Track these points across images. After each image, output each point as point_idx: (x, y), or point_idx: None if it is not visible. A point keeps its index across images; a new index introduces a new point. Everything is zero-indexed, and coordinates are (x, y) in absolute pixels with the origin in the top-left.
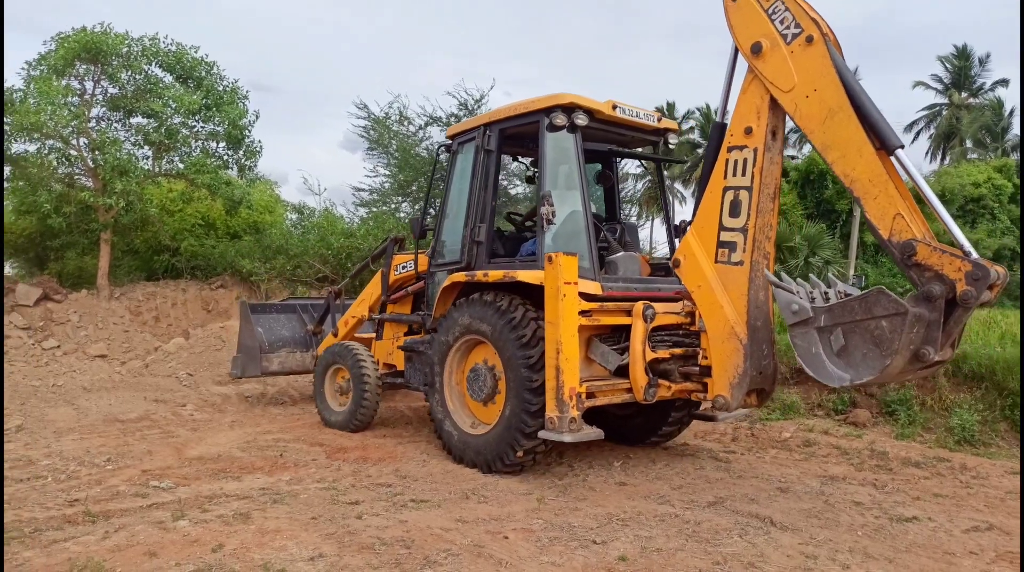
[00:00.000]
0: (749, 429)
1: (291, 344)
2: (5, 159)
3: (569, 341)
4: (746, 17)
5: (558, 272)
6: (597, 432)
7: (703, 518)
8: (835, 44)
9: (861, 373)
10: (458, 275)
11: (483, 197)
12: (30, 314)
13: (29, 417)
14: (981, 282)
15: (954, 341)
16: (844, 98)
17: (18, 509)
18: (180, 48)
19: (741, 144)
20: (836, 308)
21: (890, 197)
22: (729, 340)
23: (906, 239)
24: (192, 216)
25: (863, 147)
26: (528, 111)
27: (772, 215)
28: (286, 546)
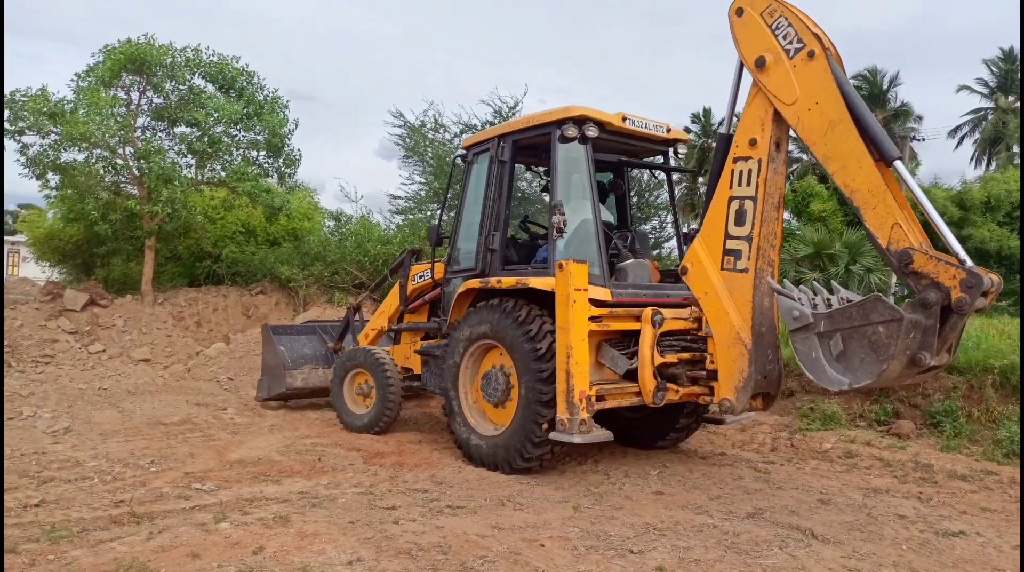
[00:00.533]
0: (788, 439)
1: (313, 361)
2: (55, 168)
3: (579, 346)
4: (750, 32)
5: (569, 279)
6: (606, 434)
7: (742, 529)
8: (836, 58)
9: (859, 377)
10: (473, 281)
11: (497, 206)
12: (77, 319)
13: (76, 419)
14: (975, 289)
15: (950, 346)
16: (844, 111)
17: (66, 509)
18: (222, 59)
19: (746, 155)
20: (835, 314)
21: (888, 207)
22: (735, 345)
23: (903, 248)
24: (233, 223)
25: (862, 159)
26: (541, 123)
27: (776, 224)
28: (324, 550)
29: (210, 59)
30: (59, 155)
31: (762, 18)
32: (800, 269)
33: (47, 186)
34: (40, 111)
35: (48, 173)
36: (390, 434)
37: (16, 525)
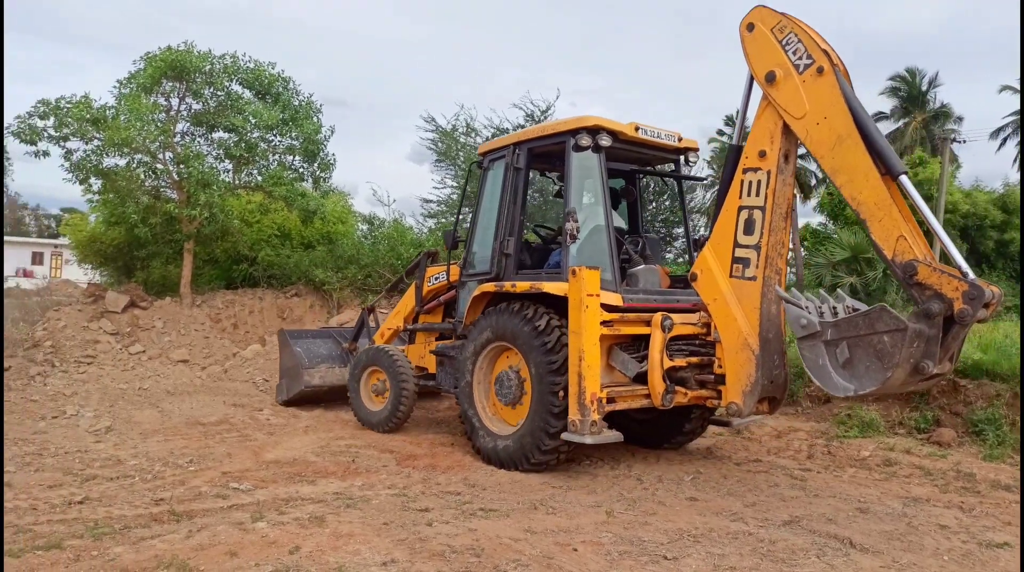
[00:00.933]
0: (825, 446)
1: (329, 361)
2: (97, 173)
3: (591, 349)
4: (761, 47)
5: (581, 285)
6: (616, 435)
7: (778, 537)
8: (844, 74)
9: (864, 384)
10: (487, 285)
11: (512, 212)
12: (118, 320)
13: (117, 419)
14: (977, 301)
15: (952, 355)
16: (852, 126)
17: (109, 506)
18: (258, 65)
19: (755, 166)
20: (842, 323)
21: (894, 220)
22: (742, 351)
23: (908, 259)
24: (269, 227)
25: (869, 172)
26: (555, 132)
27: (784, 233)
28: (359, 550)
29: (247, 66)
30: (101, 160)
31: (772, 34)
32: (837, 273)
33: (90, 190)
34: (83, 117)
35: (91, 178)
36: (422, 436)
37: (61, 521)
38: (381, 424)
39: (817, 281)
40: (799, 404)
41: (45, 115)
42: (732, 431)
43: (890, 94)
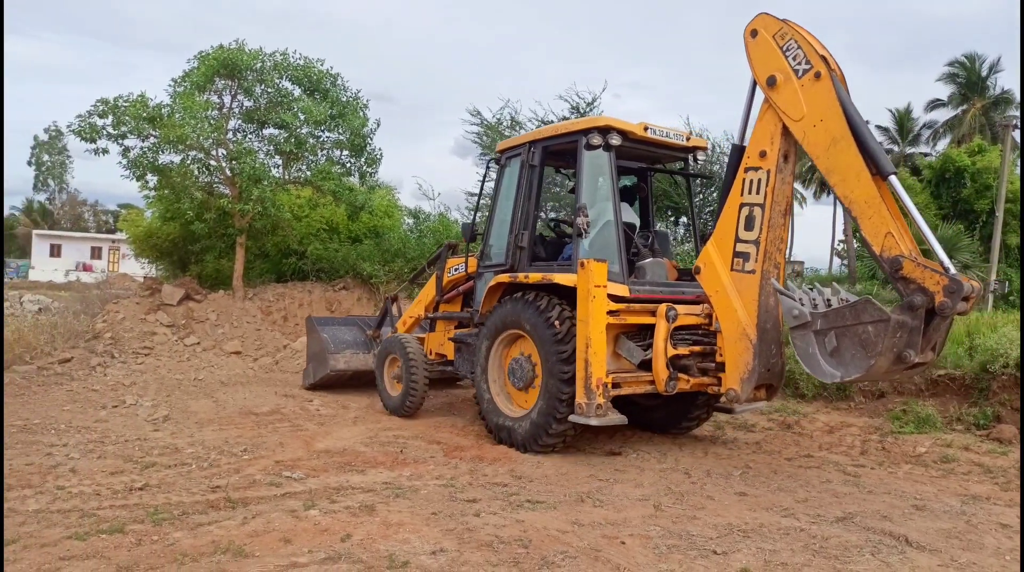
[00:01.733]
0: (880, 442)
1: (354, 346)
2: (153, 169)
3: (597, 337)
4: (763, 52)
5: (589, 276)
6: (621, 418)
7: (831, 533)
8: (841, 79)
9: (850, 371)
10: (502, 276)
11: (527, 207)
12: (174, 313)
13: (174, 408)
14: (956, 294)
15: (935, 345)
16: (846, 129)
17: (168, 493)
18: (308, 62)
19: (756, 166)
20: (830, 314)
21: (883, 217)
22: (741, 340)
23: (894, 255)
24: (317, 221)
25: (861, 173)
26: (568, 131)
27: (783, 229)
28: (409, 539)
29: (297, 63)
30: (157, 157)
31: (774, 40)
32: None
33: (146, 187)
34: (140, 116)
35: (147, 174)
36: (469, 428)
37: (123, 506)
38: (396, 409)
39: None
40: (852, 399)
41: (104, 114)
42: (780, 424)
43: (948, 80)
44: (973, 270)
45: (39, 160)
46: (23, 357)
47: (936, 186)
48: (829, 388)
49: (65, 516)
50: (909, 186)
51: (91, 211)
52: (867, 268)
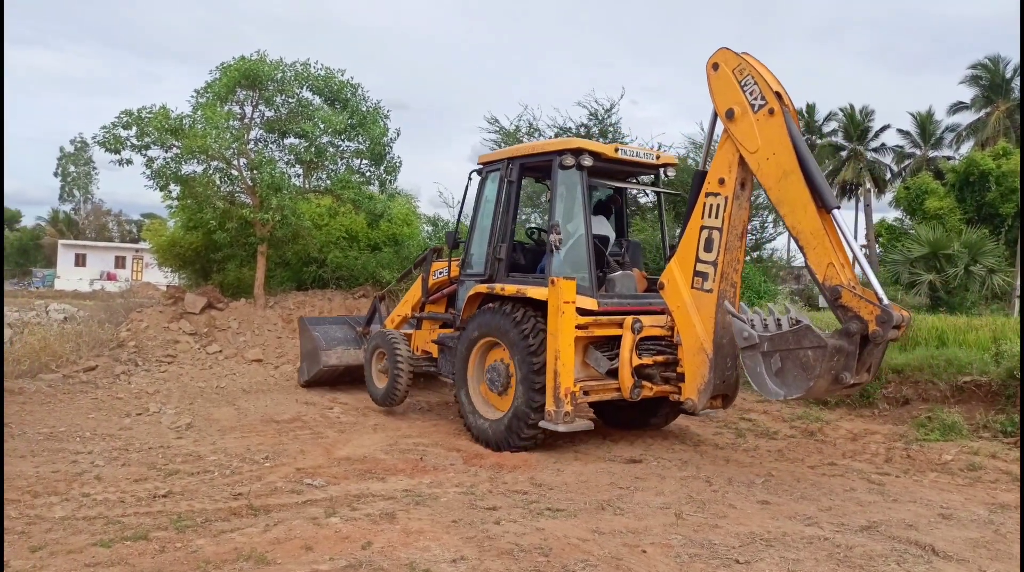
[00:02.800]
0: (904, 450)
1: (345, 343)
2: (176, 179)
3: (566, 349)
4: (723, 86)
5: (559, 293)
6: (587, 424)
7: (855, 543)
8: (793, 115)
9: (791, 391)
10: (481, 287)
11: (504, 220)
12: (196, 321)
13: (197, 416)
14: (887, 324)
15: (870, 368)
16: (796, 163)
17: (191, 500)
18: (328, 72)
19: (716, 191)
20: (776, 337)
21: (826, 249)
22: (699, 354)
23: (834, 284)
24: (337, 229)
25: (808, 205)
26: (544, 151)
27: (740, 251)
28: (429, 547)
29: (318, 73)
30: (180, 167)
31: (734, 74)
32: (915, 270)
33: (169, 197)
34: (163, 127)
35: (170, 184)
36: None
37: (147, 513)
38: (382, 400)
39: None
40: (875, 406)
41: (128, 125)
42: (802, 432)
43: (971, 83)
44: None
45: (65, 171)
46: (49, 365)
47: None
48: (852, 395)
49: (90, 523)
50: (932, 190)
51: (115, 221)
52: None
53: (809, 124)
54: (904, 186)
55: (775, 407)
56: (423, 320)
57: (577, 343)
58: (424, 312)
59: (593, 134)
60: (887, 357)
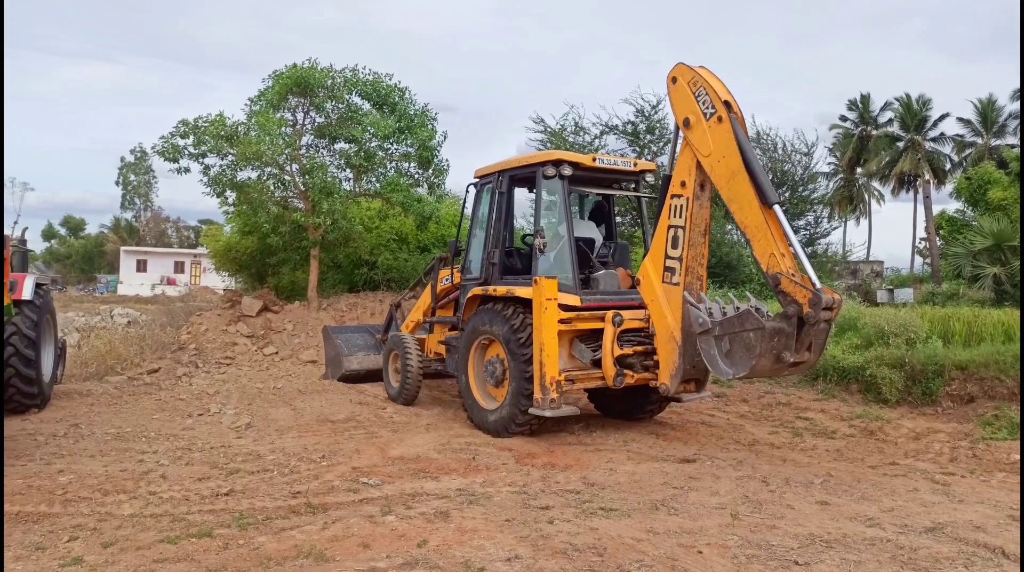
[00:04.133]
0: (970, 449)
1: (365, 349)
2: (232, 186)
3: (550, 342)
4: (681, 97)
5: (542, 291)
6: (573, 409)
7: (920, 544)
8: (740, 121)
9: (738, 370)
10: (476, 289)
11: (497, 227)
12: (253, 324)
13: (255, 416)
14: (818, 306)
15: (810, 346)
16: (741, 164)
17: (251, 498)
18: (376, 77)
19: (679, 193)
20: (725, 322)
21: (768, 240)
22: (669, 342)
23: (775, 272)
24: (387, 232)
25: (752, 202)
26: (528, 163)
27: (703, 247)
28: (484, 546)
29: (366, 78)
30: (235, 174)
31: (689, 86)
32: (978, 263)
33: (225, 203)
34: (219, 135)
35: (226, 191)
36: (540, 435)
37: (210, 511)
38: (396, 397)
39: (956, 272)
40: (938, 404)
41: (185, 134)
42: (862, 431)
43: None
44: None
45: (126, 180)
46: (115, 368)
47: None
48: (914, 393)
49: (157, 520)
50: (995, 180)
51: (174, 227)
52: (951, 267)
53: (863, 115)
54: (965, 176)
55: (833, 406)
56: (434, 324)
57: (562, 336)
58: (434, 316)
59: (640, 131)
60: (950, 354)
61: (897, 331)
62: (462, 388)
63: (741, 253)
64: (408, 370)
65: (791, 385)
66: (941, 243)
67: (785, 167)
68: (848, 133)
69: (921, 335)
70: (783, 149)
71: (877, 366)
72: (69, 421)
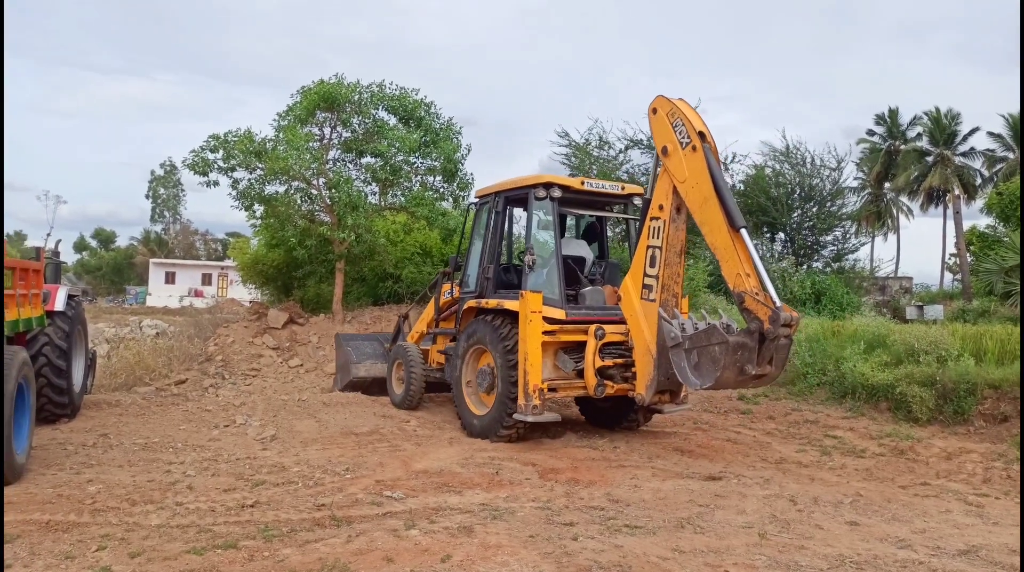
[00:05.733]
0: (1004, 470)
1: (373, 358)
2: (260, 199)
3: (534, 352)
4: (660, 127)
5: (527, 304)
6: (554, 416)
7: (953, 567)
8: (713, 150)
9: (705, 381)
10: (471, 302)
11: (493, 245)
12: (279, 336)
13: (280, 428)
14: (777, 323)
15: (772, 360)
16: (712, 191)
17: (276, 510)
18: (403, 92)
19: (657, 216)
20: (693, 336)
21: (735, 261)
22: (646, 355)
23: (740, 291)
24: (412, 245)
25: (722, 225)
26: (521, 186)
27: (679, 266)
28: (507, 562)
29: (392, 93)
30: (263, 188)
31: (667, 117)
32: (1010, 280)
33: (253, 216)
34: (247, 150)
35: (254, 204)
36: (562, 450)
37: (236, 523)
38: (400, 403)
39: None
40: (971, 424)
41: (215, 149)
42: (892, 450)
43: None
44: None
45: (155, 193)
46: (143, 379)
47: None
48: (945, 411)
49: (184, 531)
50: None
51: (202, 240)
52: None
53: (891, 129)
54: (996, 191)
55: (862, 424)
56: (436, 335)
57: (547, 347)
58: (437, 328)
59: None
60: (982, 372)
61: (928, 348)
62: (455, 393)
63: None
64: (412, 378)
65: (819, 403)
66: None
67: (813, 182)
68: (876, 147)
69: (953, 353)
70: (812, 163)
71: (907, 384)
72: (98, 431)
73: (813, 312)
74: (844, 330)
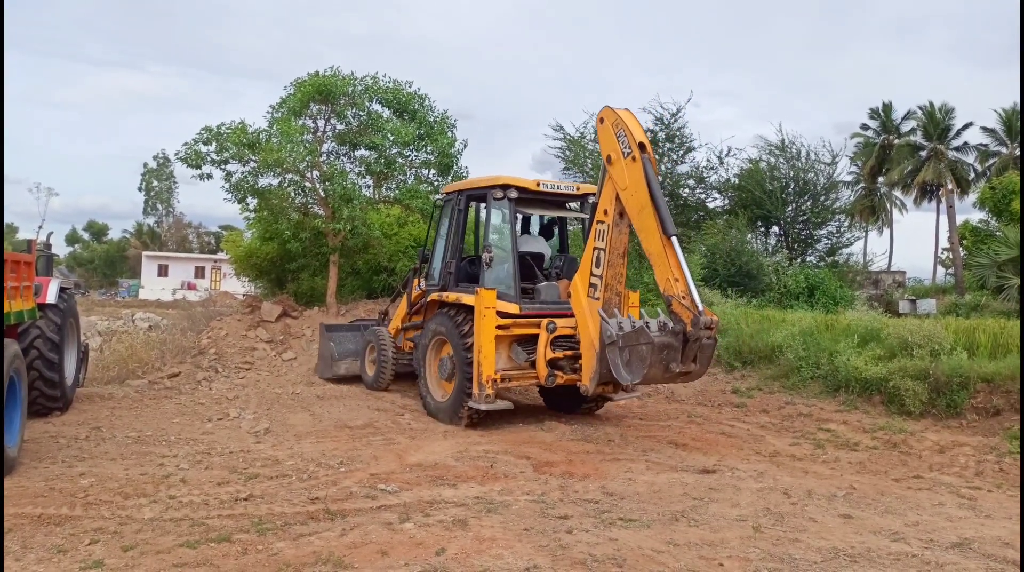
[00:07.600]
0: (997, 463)
1: (354, 354)
2: (253, 192)
3: (487, 344)
4: (606, 137)
5: (481, 300)
6: (506, 405)
7: (946, 560)
8: (652, 161)
9: (634, 377)
10: (434, 295)
11: (455, 241)
12: (272, 329)
13: (274, 421)
14: (698, 325)
15: (695, 358)
16: (648, 200)
17: (270, 504)
18: (396, 84)
19: (602, 220)
20: (626, 336)
21: (666, 266)
22: (590, 349)
23: (668, 294)
24: (406, 239)
25: (655, 232)
26: (480, 186)
27: (622, 267)
28: (502, 555)
29: (386, 85)
30: (257, 181)
31: (612, 128)
32: (1002, 274)
33: (246, 209)
34: (241, 142)
35: (247, 197)
36: (557, 444)
37: (229, 516)
38: (371, 385)
39: (980, 282)
40: (963, 417)
41: (208, 141)
42: (885, 443)
43: None
44: None
45: (148, 186)
46: (136, 372)
47: None
48: (938, 405)
49: (177, 524)
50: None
51: (195, 233)
52: (975, 277)
53: (885, 124)
54: (989, 186)
55: (855, 417)
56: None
57: (502, 340)
58: (410, 321)
59: (659, 139)
60: (975, 366)
61: (921, 342)
62: (420, 380)
63: (761, 262)
64: (383, 360)
65: (812, 396)
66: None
67: (808, 176)
68: (869, 142)
69: (946, 346)
70: (806, 158)
71: (900, 378)
72: (91, 424)
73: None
74: (838, 324)
